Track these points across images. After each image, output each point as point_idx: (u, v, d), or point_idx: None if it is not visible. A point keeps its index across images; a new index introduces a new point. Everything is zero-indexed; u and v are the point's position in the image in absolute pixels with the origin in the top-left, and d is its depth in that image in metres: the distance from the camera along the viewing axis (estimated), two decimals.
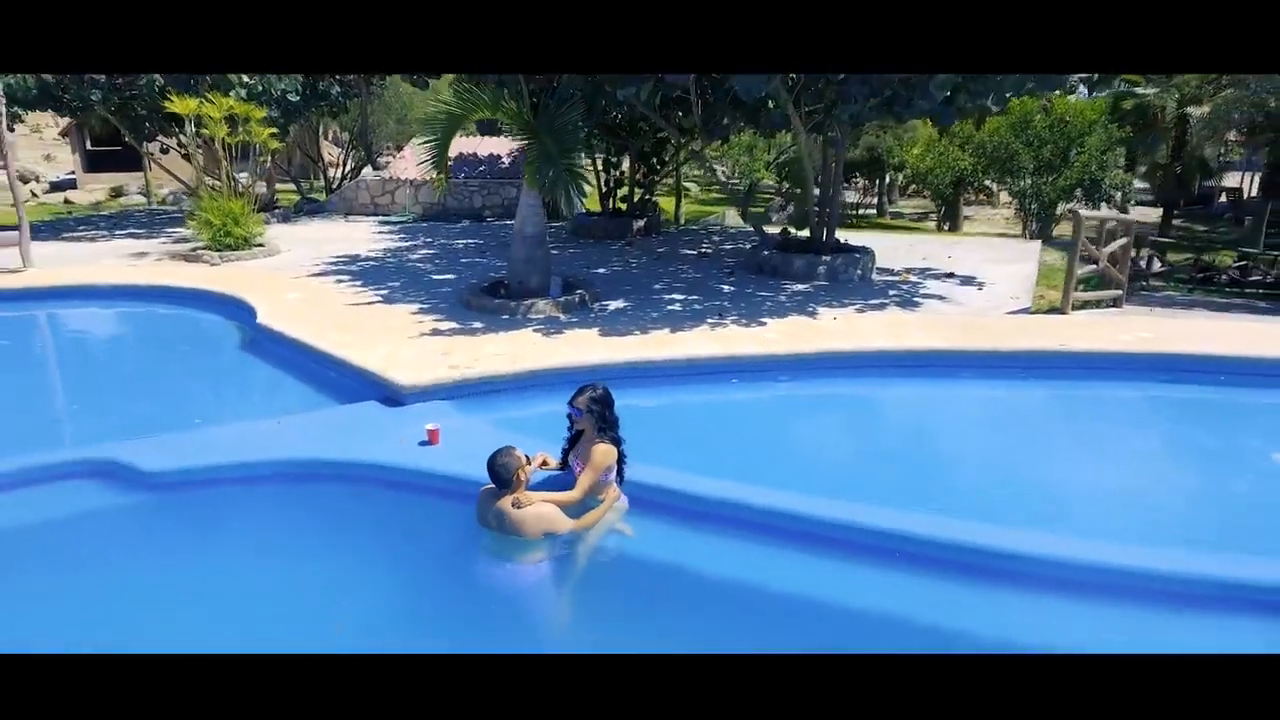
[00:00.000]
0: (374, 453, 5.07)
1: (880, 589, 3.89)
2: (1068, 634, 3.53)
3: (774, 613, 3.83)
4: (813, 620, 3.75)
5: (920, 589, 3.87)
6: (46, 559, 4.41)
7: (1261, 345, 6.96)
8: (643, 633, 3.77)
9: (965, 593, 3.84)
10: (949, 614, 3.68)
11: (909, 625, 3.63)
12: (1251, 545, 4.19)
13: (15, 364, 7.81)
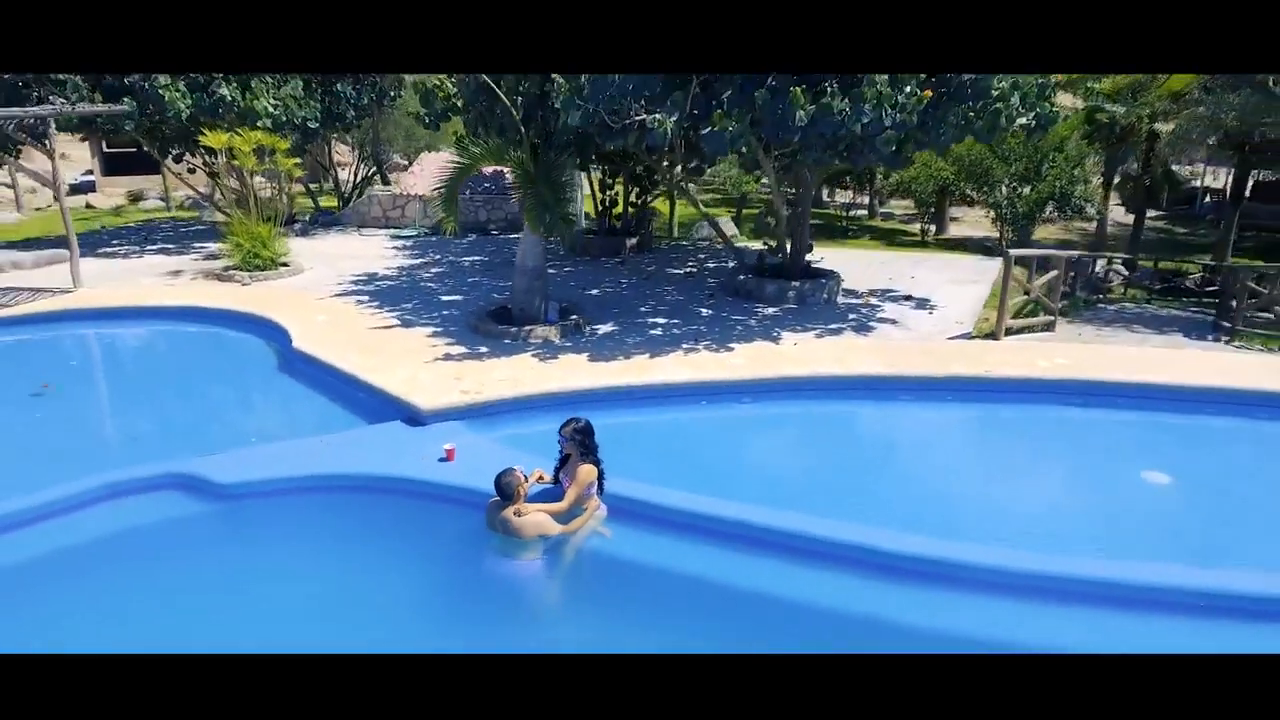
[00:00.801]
0: (402, 468, 6.25)
1: (809, 583, 5.02)
2: (954, 621, 4.63)
3: (723, 600, 4.99)
4: (754, 606, 4.91)
5: (836, 583, 5.01)
6: (141, 559, 5.58)
7: (1159, 373, 8.09)
8: (617, 616, 4.98)
9: (865, 583, 5.00)
10: (858, 602, 4.83)
11: (830, 613, 4.77)
12: (1114, 548, 5.33)
13: (85, 383, 9.02)
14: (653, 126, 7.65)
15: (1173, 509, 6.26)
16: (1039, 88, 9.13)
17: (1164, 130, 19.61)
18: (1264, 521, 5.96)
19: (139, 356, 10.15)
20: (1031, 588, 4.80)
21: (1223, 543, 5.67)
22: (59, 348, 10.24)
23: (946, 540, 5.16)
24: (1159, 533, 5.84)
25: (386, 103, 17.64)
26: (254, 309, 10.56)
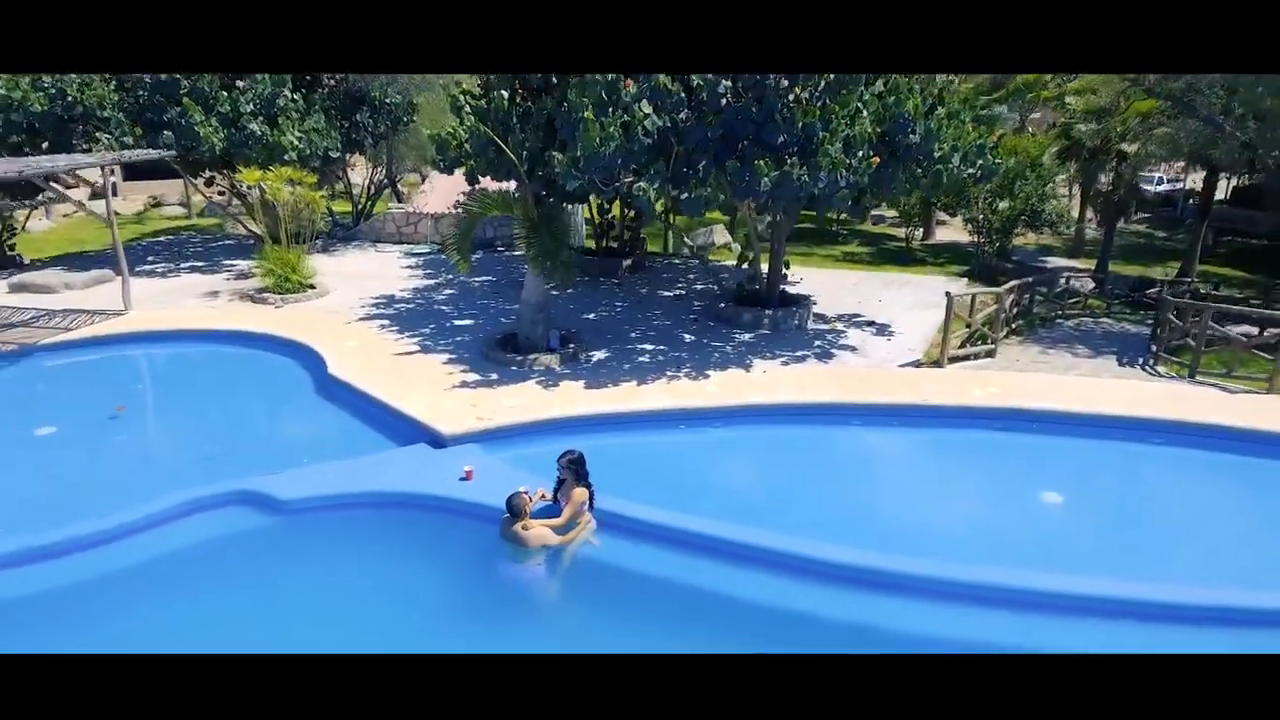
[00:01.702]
0: (430, 487, 7.65)
1: (753, 584, 6.40)
2: (876, 616, 6.00)
3: (687, 596, 6.38)
4: (713, 601, 6.28)
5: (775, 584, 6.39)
6: (215, 568, 6.97)
7: (1073, 401, 9.44)
8: (603, 609, 6.39)
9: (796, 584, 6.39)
10: (792, 600, 6.21)
11: (771, 609, 6.14)
12: (1013, 559, 6.66)
13: (153, 405, 10.45)
14: (638, 194, 8.98)
15: (1064, 524, 7.65)
16: (978, 148, 10.44)
17: (1130, 150, 20.80)
18: (1141, 534, 7.36)
19: (193, 379, 11.53)
20: (938, 592, 6.17)
21: (1101, 552, 7.05)
22: (121, 370, 11.66)
23: (863, 549, 6.54)
24: (1048, 544, 7.22)
25: (400, 128, 18.92)
26: (291, 333, 11.95)
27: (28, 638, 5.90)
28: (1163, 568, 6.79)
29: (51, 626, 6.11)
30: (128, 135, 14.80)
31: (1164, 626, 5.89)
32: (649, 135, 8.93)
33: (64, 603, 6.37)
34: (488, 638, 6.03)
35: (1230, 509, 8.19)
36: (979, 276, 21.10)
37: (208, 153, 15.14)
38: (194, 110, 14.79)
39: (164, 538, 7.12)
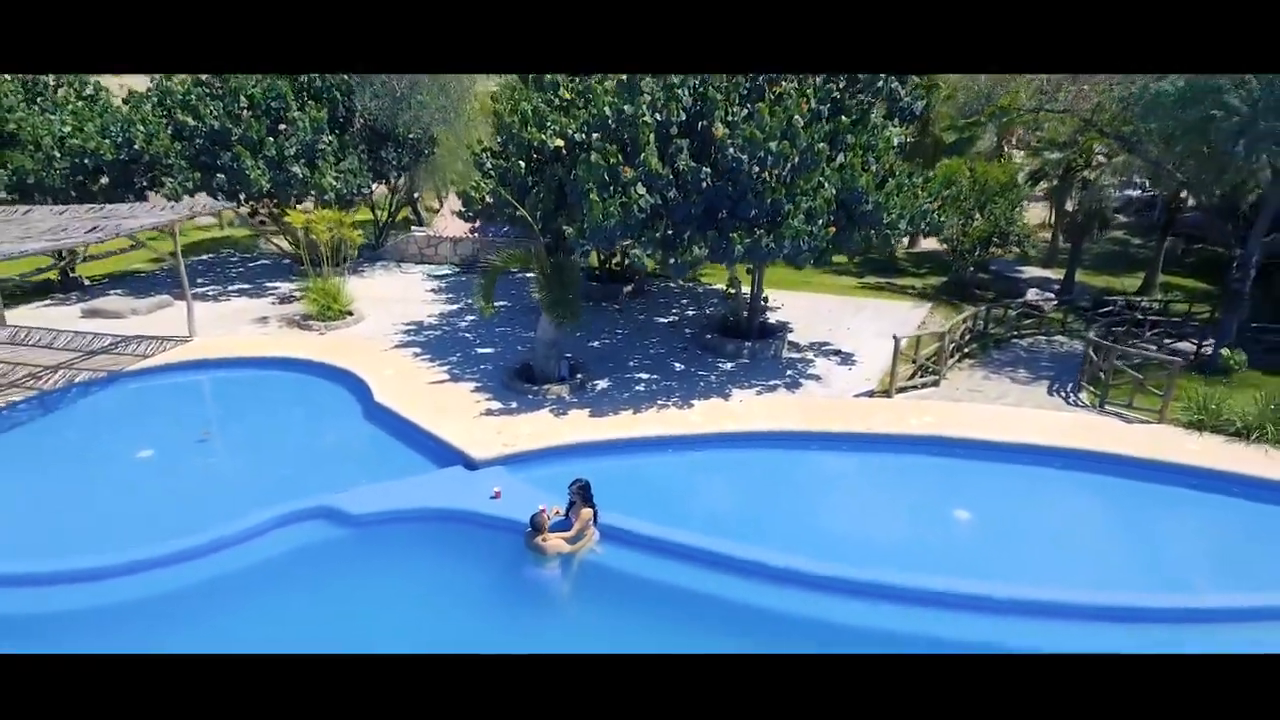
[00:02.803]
0: (466, 504, 9.67)
1: (720, 584, 8.42)
2: (821, 612, 8.04)
3: (670, 593, 8.40)
4: (688, 596, 8.31)
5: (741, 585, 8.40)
6: (299, 574, 9.00)
7: (993, 431, 11.38)
8: (603, 601, 8.42)
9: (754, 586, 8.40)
10: (754, 598, 8.24)
11: (735, 604, 8.16)
12: (926, 565, 8.65)
13: (232, 428, 12.48)
14: (634, 259, 10.92)
15: (969, 536, 9.65)
16: (922, 212, 12.32)
17: (1091, 176, 22.56)
18: (1034, 544, 9.36)
19: (259, 403, 13.54)
20: (860, 592, 8.17)
21: (997, 559, 9.05)
22: (196, 395, 13.72)
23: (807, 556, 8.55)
24: (956, 553, 9.22)
25: (422, 159, 20.79)
26: (338, 361, 13.96)
27: (166, 630, 7.96)
28: (1051, 573, 8.75)
29: (181, 620, 8.17)
30: (188, 179, 16.74)
31: (1050, 622, 7.83)
32: (643, 211, 10.85)
33: (196, 599, 8.43)
34: (514, 624, 8.11)
35: (1112, 523, 10.18)
36: (955, 289, 23.02)
37: (256, 192, 17.08)
38: (244, 155, 16.72)
39: (261, 547, 9.17)
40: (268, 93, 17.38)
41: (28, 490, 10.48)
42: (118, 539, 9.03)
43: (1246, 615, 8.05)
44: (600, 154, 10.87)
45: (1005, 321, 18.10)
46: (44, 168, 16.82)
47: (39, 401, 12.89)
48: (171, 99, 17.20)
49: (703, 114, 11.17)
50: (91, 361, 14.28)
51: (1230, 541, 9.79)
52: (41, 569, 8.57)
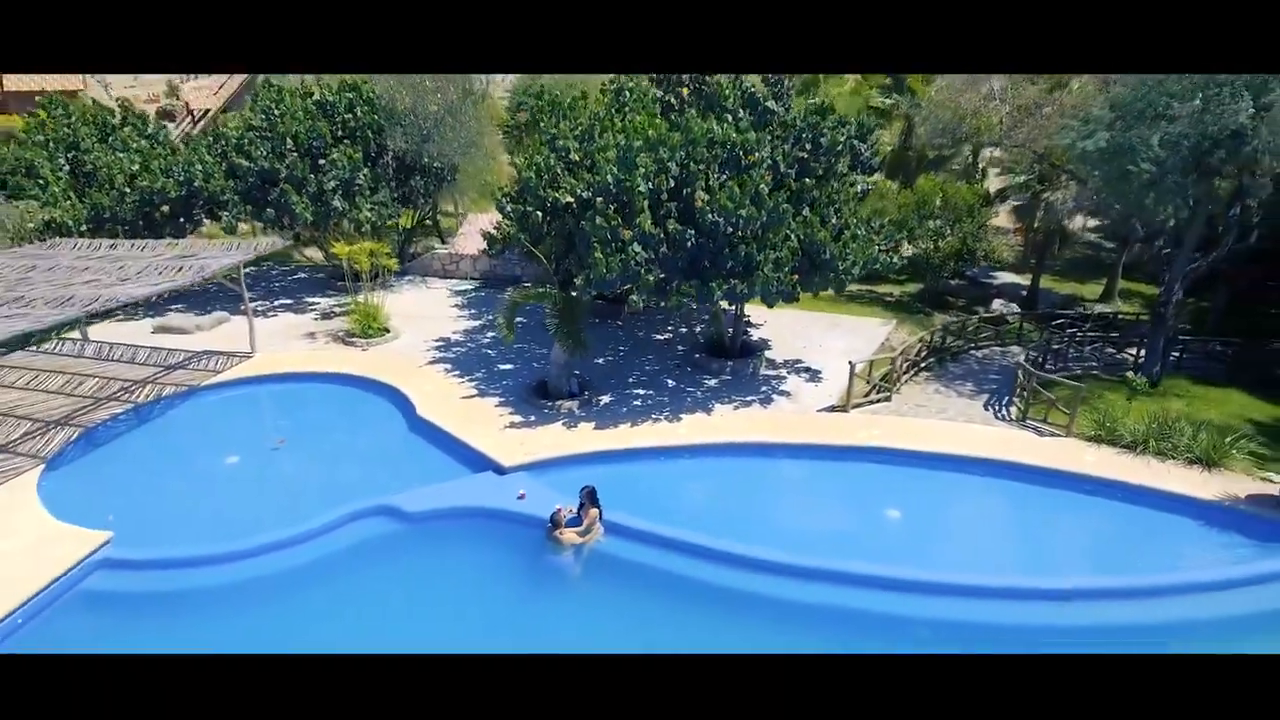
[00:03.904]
0: (498, 504, 12.20)
1: (701, 570, 10.96)
2: (775, 590, 10.58)
3: (659, 576, 10.93)
4: (669, 578, 10.86)
5: (711, 570, 10.93)
6: (363, 565, 11.54)
7: (928, 443, 13.80)
8: (605, 579, 10.98)
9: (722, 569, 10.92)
10: (719, 579, 10.77)
11: (705, 585, 10.72)
12: (864, 554, 11.17)
13: (300, 436, 15.02)
14: (631, 304, 13.36)
15: (899, 530, 12.14)
16: (873, 259, 14.68)
17: (1052, 198, 24.76)
18: (946, 540, 11.84)
19: (319, 414, 16.07)
20: (805, 575, 10.67)
21: (919, 549, 11.55)
22: (266, 406, 16.25)
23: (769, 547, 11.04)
24: (885, 545, 11.71)
25: (445, 185, 23.13)
26: (384, 377, 16.46)
27: (239, 620, 10.47)
28: (958, 560, 11.24)
29: (282, 596, 10.74)
30: (241, 213, 19.16)
31: (960, 601, 10.29)
32: (639, 265, 13.25)
33: (292, 579, 10.97)
34: (537, 599, 10.68)
35: (1014, 521, 12.67)
36: (929, 297, 25.37)
37: (301, 223, 19.49)
38: (290, 191, 19.11)
39: (338, 538, 11.74)
40: (309, 133, 19.71)
41: (145, 491, 13.05)
42: (224, 531, 11.62)
43: (1101, 595, 10.54)
44: (603, 216, 13.25)
45: (964, 334, 20.45)
46: (117, 203, 19.25)
47: (135, 413, 15.44)
48: (226, 142, 19.56)
49: (688, 182, 13.52)
50: (172, 376, 16.82)
51: (1105, 536, 12.27)
52: (174, 555, 11.16)
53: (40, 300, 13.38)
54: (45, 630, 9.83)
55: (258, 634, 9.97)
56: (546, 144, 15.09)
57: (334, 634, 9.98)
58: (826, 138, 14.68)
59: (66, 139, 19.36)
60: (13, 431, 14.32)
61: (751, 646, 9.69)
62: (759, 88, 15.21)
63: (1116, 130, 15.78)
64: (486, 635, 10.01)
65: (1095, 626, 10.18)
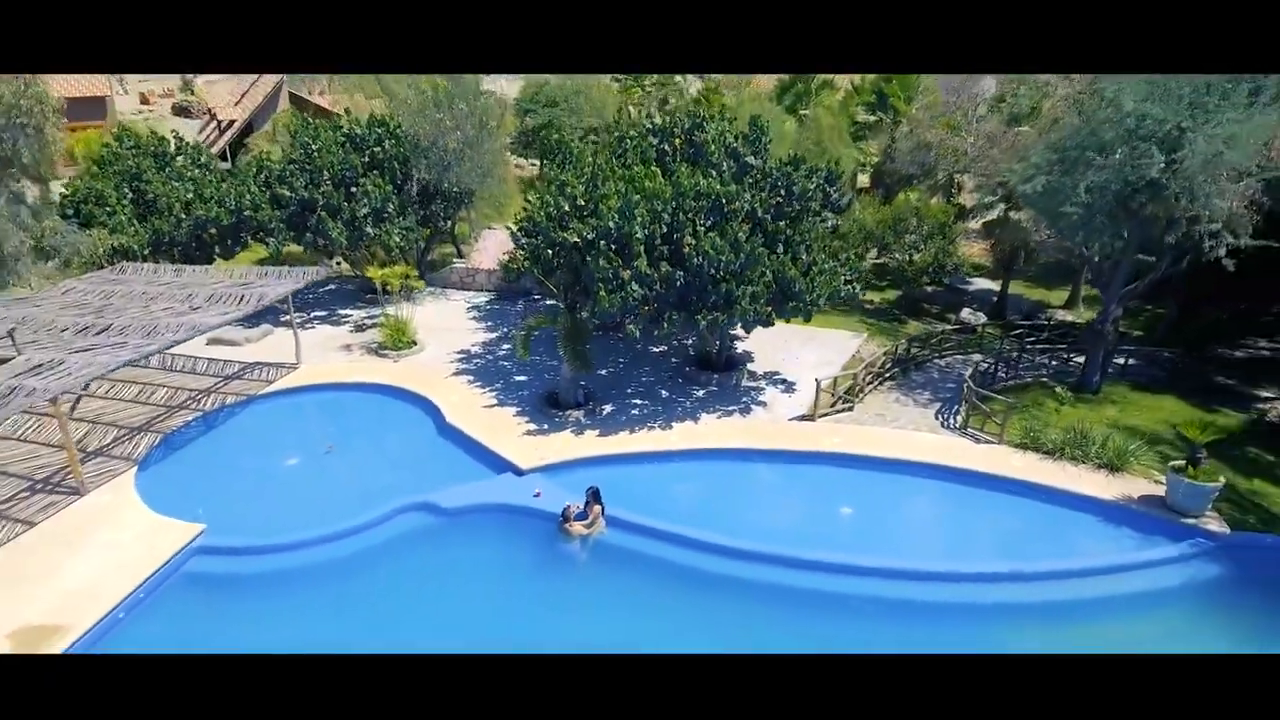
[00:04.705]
0: (517, 501, 14.76)
1: (685, 557, 13.53)
2: (747, 574, 13.15)
3: (651, 561, 13.52)
4: (664, 565, 13.43)
5: (689, 555, 13.51)
6: (409, 550, 14.12)
7: (880, 449, 16.28)
8: (606, 564, 13.56)
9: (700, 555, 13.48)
10: (698, 562, 13.35)
11: (694, 569, 13.30)
12: (812, 544, 13.73)
13: (346, 441, 17.57)
14: (629, 333, 15.82)
15: (849, 525, 14.67)
16: (836, 291, 17.09)
17: (1015, 216, 27.01)
18: (890, 532, 14.38)
19: (361, 421, 18.61)
20: (771, 560, 13.21)
21: (866, 538, 14.08)
22: (314, 413, 18.78)
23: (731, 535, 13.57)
24: (838, 535, 14.24)
25: (464, 206, 25.50)
26: (415, 387, 18.98)
27: (311, 593, 13.08)
28: (897, 549, 13.75)
29: (343, 577, 13.32)
30: (284, 238, 21.60)
31: (895, 582, 12.84)
32: (635, 301, 15.69)
33: (330, 571, 13.51)
34: (550, 579, 13.26)
35: (947, 517, 15.19)
36: (906, 304, 27.76)
37: (337, 247, 21.93)
38: (327, 219, 21.52)
39: (386, 529, 14.32)
40: (342, 165, 22.07)
41: (221, 488, 15.60)
42: (292, 522, 14.18)
43: (1003, 578, 13.07)
44: (605, 258, 15.69)
45: (928, 344, 22.84)
46: (175, 228, 21.69)
47: (203, 419, 18.00)
48: (269, 174, 21.95)
49: (678, 228, 15.91)
50: (231, 386, 19.37)
51: (1022, 530, 14.77)
52: (256, 543, 13.74)
53: (131, 329, 15.88)
54: (159, 604, 12.43)
55: (327, 607, 12.61)
56: (556, 189, 17.46)
57: (389, 607, 12.62)
58: (798, 186, 17.04)
59: (130, 170, 21.77)
60: (105, 437, 16.90)
61: (726, 619, 12.31)
62: (739, 145, 17.57)
63: (1054, 175, 18.12)
64: (509, 606, 12.64)
65: (1004, 604, 12.74)
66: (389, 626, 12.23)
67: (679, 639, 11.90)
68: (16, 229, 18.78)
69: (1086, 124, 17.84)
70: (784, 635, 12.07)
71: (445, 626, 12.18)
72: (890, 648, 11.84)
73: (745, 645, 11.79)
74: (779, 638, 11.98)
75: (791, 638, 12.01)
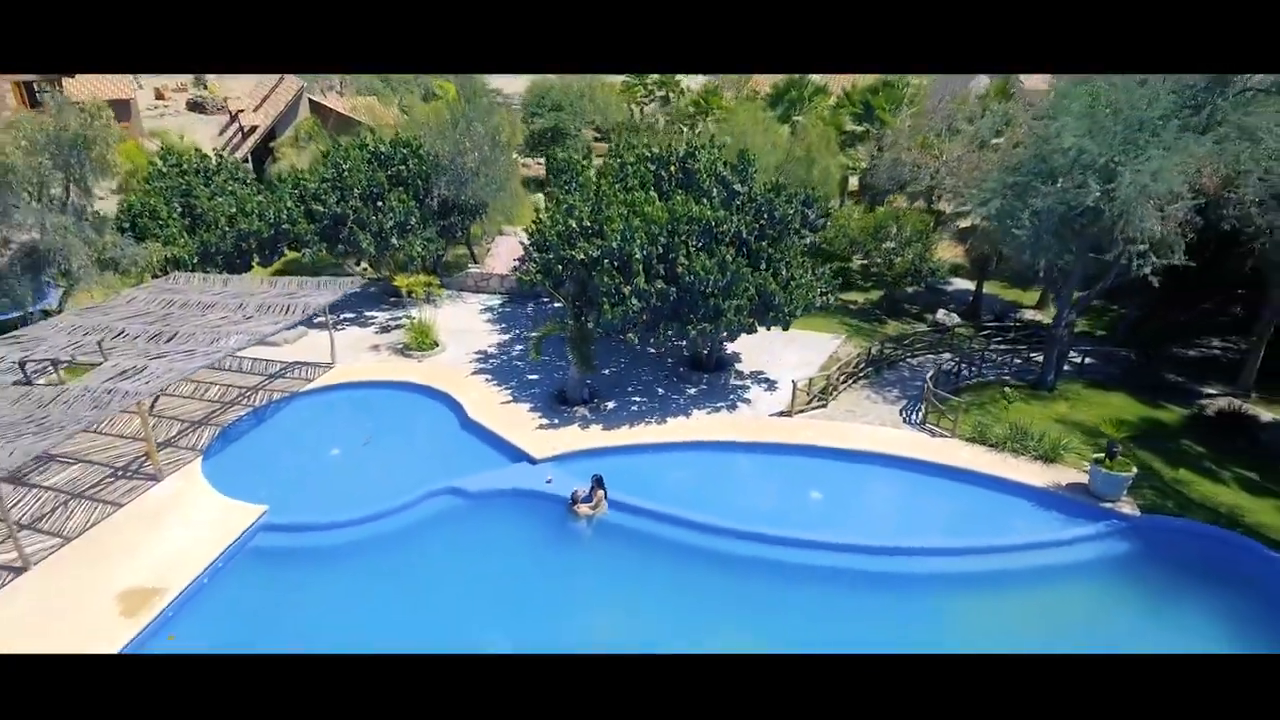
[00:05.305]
0: (534, 486, 17.22)
1: (676, 532, 16.00)
2: (728, 547, 15.63)
3: (646, 536, 15.99)
4: (657, 540, 15.90)
5: (676, 532, 15.98)
6: (434, 534, 16.59)
7: (846, 442, 18.66)
8: (607, 538, 16.04)
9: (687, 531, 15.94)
10: (686, 538, 15.82)
11: (682, 543, 15.77)
12: (786, 523, 16.17)
13: (382, 433, 20.02)
14: (628, 340, 18.20)
15: (819, 506, 17.10)
16: (811, 303, 19.41)
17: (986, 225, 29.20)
18: (853, 513, 16.80)
19: (392, 416, 21.01)
20: (748, 537, 15.67)
21: (830, 520, 16.51)
22: (350, 409, 21.20)
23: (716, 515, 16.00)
24: (809, 517, 16.67)
25: (480, 216, 27.80)
26: (439, 385, 21.38)
27: (360, 562, 15.58)
28: (860, 528, 16.15)
29: (365, 561, 15.78)
30: (319, 248, 23.94)
31: (854, 555, 15.28)
32: (635, 313, 18.04)
33: (373, 545, 16.00)
34: (559, 552, 15.74)
35: (903, 500, 17.60)
36: (887, 304, 30.02)
37: (367, 257, 24.27)
38: (356, 231, 23.85)
39: (420, 509, 16.78)
40: (369, 182, 24.36)
41: (275, 475, 18.05)
42: (340, 504, 16.64)
43: (947, 552, 15.51)
44: (609, 275, 18.03)
45: (902, 345, 25.14)
46: (220, 239, 24.04)
47: (254, 415, 20.43)
48: (305, 191, 24.25)
49: (673, 249, 18.21)
50: (276, 384, 21.79)
51: (966, 512, 17.18)
52: (310, 521, 16.20)
53: (196, 336, 18.28)
54: (233, 571, 14.91)
55: (371, 574, 15.08)
56: (565, 212, 19.76)
57: (425, 573, 15.12)
58: (780, 210, 19.32)
59: (180, 186, 24.09)
60: (171, 430, 19.36)
61: (710, 585, 14.77)
62: (728, 173, 19.85)
63: (1006, 199, 20.38)
64: (526, 573, 15.12)
65: (947, 574, 15.18)
66: (424, 590, 14.75)
67: (670, 602, 14.42)
68: (83, 244, 21.11)
69: (1036, 154, 20.07)
70: (759, 599, 14.55)
71: (471, 590, 14.71)
72: (846, 610, 14.36)
73: (726, 606, 14.30)
74: (755, 601, 14.48)
75: (765, 601, 14.50)
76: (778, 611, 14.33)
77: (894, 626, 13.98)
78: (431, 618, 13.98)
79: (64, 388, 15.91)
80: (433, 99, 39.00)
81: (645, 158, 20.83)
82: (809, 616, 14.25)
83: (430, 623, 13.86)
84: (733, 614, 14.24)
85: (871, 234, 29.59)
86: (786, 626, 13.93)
